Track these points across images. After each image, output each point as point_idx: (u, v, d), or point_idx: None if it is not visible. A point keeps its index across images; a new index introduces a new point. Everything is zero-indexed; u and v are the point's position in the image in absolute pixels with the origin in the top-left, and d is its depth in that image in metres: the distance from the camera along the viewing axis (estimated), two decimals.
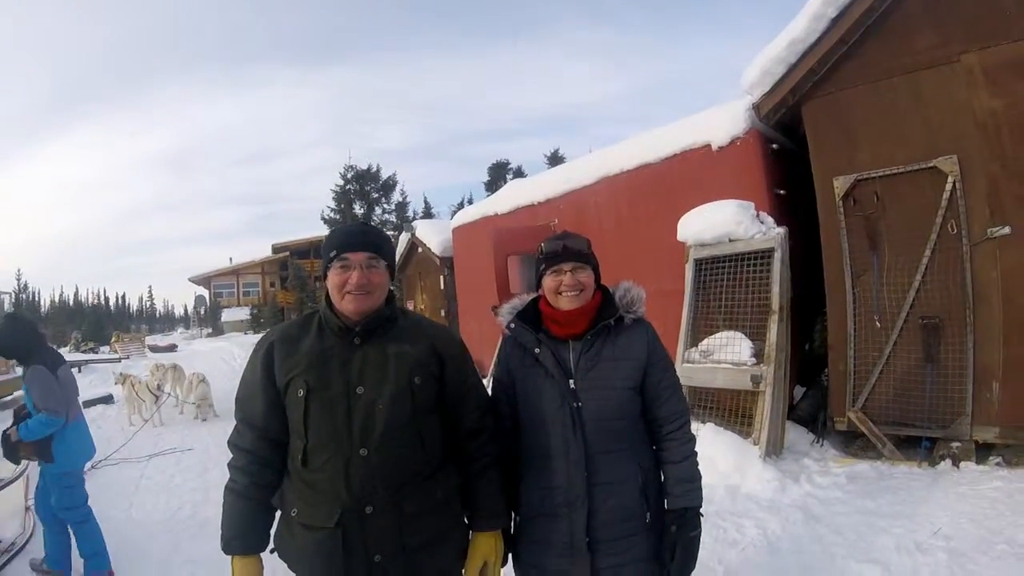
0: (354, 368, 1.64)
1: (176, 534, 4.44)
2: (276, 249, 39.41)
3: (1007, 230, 4.27)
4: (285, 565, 1.73)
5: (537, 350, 1.82)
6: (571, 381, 1.78)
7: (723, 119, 5.86)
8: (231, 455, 1.76)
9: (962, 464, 4.23)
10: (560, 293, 1.82)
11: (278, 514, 1.75)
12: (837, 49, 4.94)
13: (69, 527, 3.74)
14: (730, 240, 5.10)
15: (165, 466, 6.47)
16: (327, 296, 1.72)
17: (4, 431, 3.72)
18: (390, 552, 1.61)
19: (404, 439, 1.63)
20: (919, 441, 4.56)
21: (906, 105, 4.70)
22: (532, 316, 1.90)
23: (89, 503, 3.81)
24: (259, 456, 1.70)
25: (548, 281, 1.85)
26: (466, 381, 1.80)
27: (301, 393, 1.61)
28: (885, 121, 4.81)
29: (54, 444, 3.67)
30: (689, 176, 6.17)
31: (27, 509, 4.68)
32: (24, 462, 5.18)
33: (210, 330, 37.01)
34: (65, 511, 3.71)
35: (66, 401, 3.71)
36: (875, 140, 4.87)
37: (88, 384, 11.75)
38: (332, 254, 1.67)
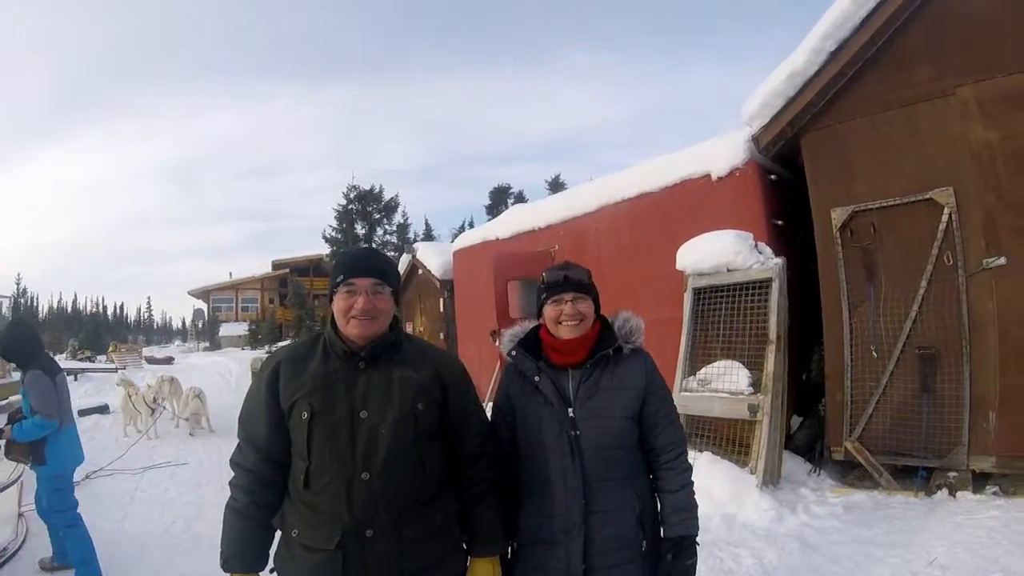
0: (358, 392, 1.66)
1: (170, 548, 4.42)
2: (276, 265, 39.35)
3: (1003, 261, 4.32)
4: None
5: (537, 378, 1.84)
6: (570, 410, 1.80)
7: (723, 149, 5.95)
8: (233, 473, 1.76)
9: (959, 494, 4.23)
10: (560, 323, 1.84)
11: (278, 534, 1.75)
12: (835, 82, 5.05)
13: (60, 532, 3.84)
14: (728, 270, 5.14)
15: (159, 479, 6.44)
16: (332, 320, 1.74)
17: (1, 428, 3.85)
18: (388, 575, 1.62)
19: (406, 464, 1.64)
20: (916, 471, 4.56)
21: (902, 137, 4.79)
22: (533, 344, 1.93)
23: (81, 512, 3.87)
24: (261, 476, 1.71)
25: (549, 310, 1.87)
26: (468, 407, 1.81)
27: (305, 416, 1.63)
28: (882, 153, 4.89)
29: (47, 447, 3.77)
30: (688, 205, 6.25)
31: (20, 516, 4.67)
32: (20, 468, 5.20)
33: (207, 344, 36.83)
34: (55, 514, 3.82)
35: (60, 407, 3.81)
36: (872, 172, 4.95)
37: (84, 393, 11.72)
38: (339, 279, 1.69)
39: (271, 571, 1.75)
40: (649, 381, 1.86)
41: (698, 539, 1.84)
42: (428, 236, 28.86)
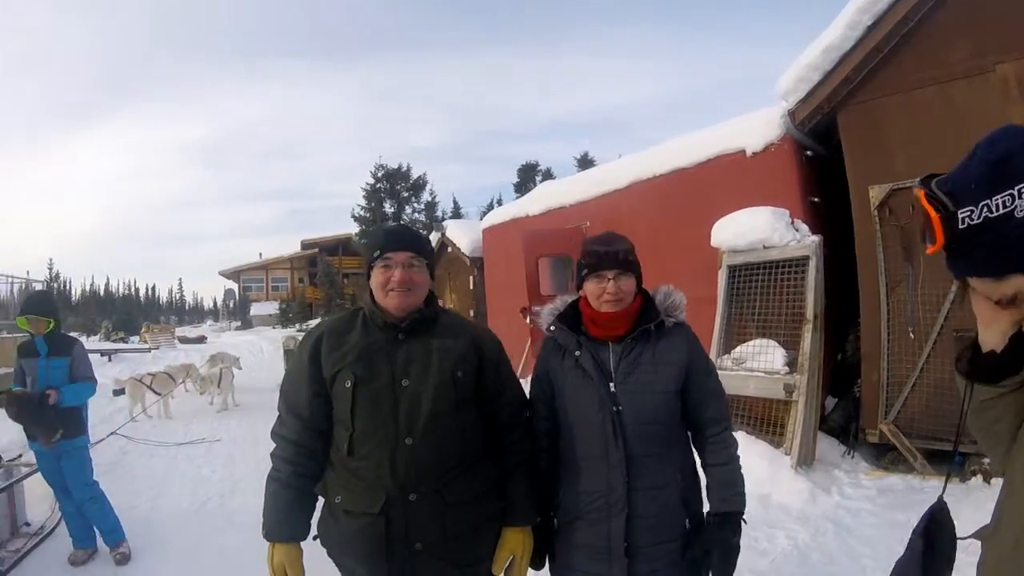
0: (399, 361, 1.70)
1: (204, 525, 4.49)
2: (305, 245, 39.97)
3: None
4: (323, 553, 1.77)
5: (577, 352, 1.81)
6: (611, 384, 1.77)
7: (757, 125, 5.82)
8: (274, 444, 1.80)
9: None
10: (601, 299, 1.81)
11: (319, 503, 1.78)
12: (872, 58, 4.90)
13: (84, 506, 3.83)
14: (764, 247, 5.05)
15: (194, 456, 6.56)
16: (371, 293, 1.78)
17: (41, 392, 3.65)
18: (431, 540, 1.65)
19: (447, 429, 1.68)
20: (951, 455, 4.46)
21: (941, 115, 4.63)
22: (572, 318, 1.90)
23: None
24: (303, 446, 1.75)
25: (590, 286, 1.83)
26: (502, 377, 1.84)
27: (348, 384, 1.67)
28: (920, 131, 4.74)
29: (83, 414, 3.90)
30: (723, 182, 6.12)
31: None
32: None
33: (239, 323, 37.52)
34: (89, 486, 3.85)
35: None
36: (910, 149, 4.80)
37: (118, 372, 11.96)
38: (376, 253, 1.75)
39: (314, 538, 1.79)
40: (692, 356, 1.82)
41: (744, 517, 1.81)
42: (456, 214, 29.00)
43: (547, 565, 1.91)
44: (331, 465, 1.75)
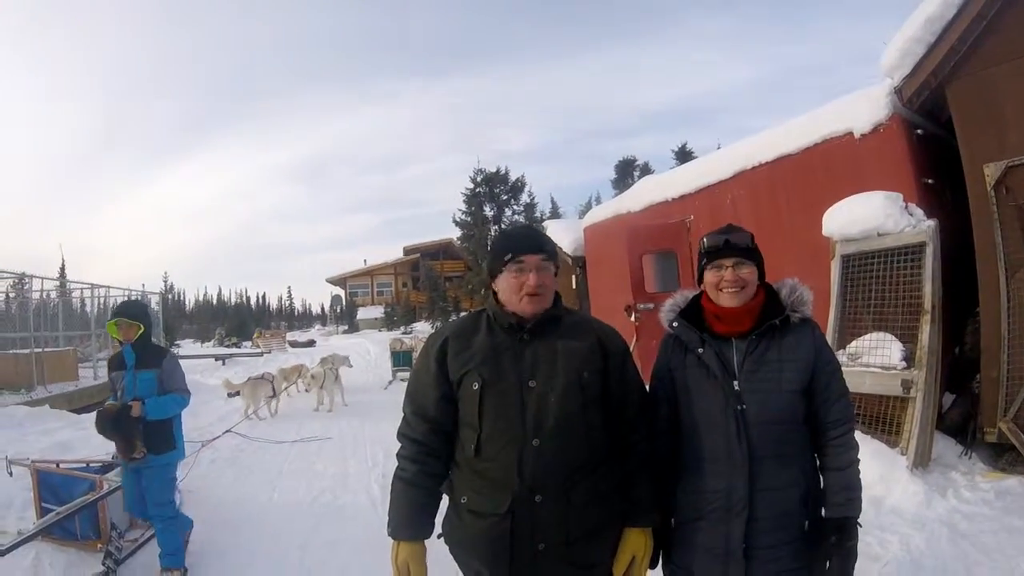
0: (526, 363, 1.74)
1: (317, 517, 4.74)
2: (407, 251, 41.56)
3: None
4: (445, 552, 1.84)
5: (701, 349, 1.80)
6: (735, 382, 1.75)
7: (864, 105, 5.50)
8: (400, 445, 1.87)
9: None
10: (721, 289, 1.79)
11: (443, 502, 1.85)
12: (976, 25, 4.54)
13: (159, 525, 3.64)
14: (879, 234, 4.77)
15: (307, 453, 6.86)
16: (495, 295, 1.83)
17: (124, 404, 3.51)
18: (555, 541, 1.68)
19: (574, 430, 1.70)
20: None
21: None
22: (693, 313, 1.88)
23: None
24: (429, 446, 1.80)
25: (709, 276, 1.82)
26: (627, 375, 1.84)
27: (476, 386, 1.71)
28: None
29: (175, 429, 3.68)
30: (830, 167, 5.84)
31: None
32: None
33: (346, 327, 39.36)
34: (164, 506, 3.62)
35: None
36: None
37: (233, 375, 12.86)
38: (508, 256, 1.77)
39: (438, 536, 1.85)
40: (818, 353, 1.78)
41: (860, 521, 1.76)
42: (555, 213, 29.31)
43: (660, 564, 1.91)
44: (457, 466, 1.80)
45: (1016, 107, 4.47)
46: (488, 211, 27.06)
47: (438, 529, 1.85)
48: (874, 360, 4.59)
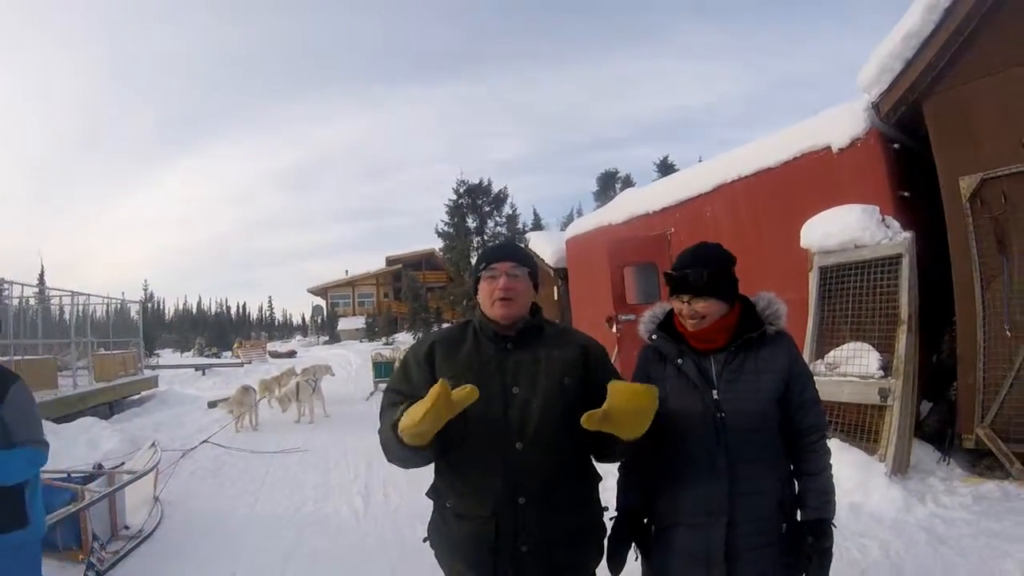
0: (509, 371, 1.79)
1: (299, 528, 4.70)
2: (390, 261, 41.49)
3: None
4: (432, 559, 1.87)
5: (680, 360, 1.86)
6: (714, 392, 1.81)
7: (842, 120, 5.65)
8: (385, 398, 1.86)
9: None
10: (683, 317, 1.87)
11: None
12: (954, 41, 4.68)
13: None
14: (856, 246, 4.89)
15: (289, 463, 6.84)
16: (479, 307, 1.88)
17: None
18: (536, 542, 1.71)
19: (556, 435, 1.74)
20: None
21: None
22: (672, 326, 1.94)
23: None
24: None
25: (674, 303, 1.90)
26: (609, 377, 1.85)
27: None
28: (1009, 115, 4.48)
29: (28, 495, 2.35)
30: (809, 180, 5.97)
31: (156, 499, 5.14)
32: (157, 455, 5.53)
33: (327, 338, 39.13)
34: None
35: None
36: (1000, 136, 4.53)
37: (211, 386, 12.73)
38: (482, 266, 1.87)
39: (423, 540, 1.89)
40: (793, 363, 1.85)
41: (835, 522, 1.83)
42: (537, 225, 29.61)
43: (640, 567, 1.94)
44: (442, 470, 1.84)
45: (991, 121, 4.60)
46: (471, 222, 27.20)
47: (424, 533, 1.89)
48: (852, 369, 4.68)
